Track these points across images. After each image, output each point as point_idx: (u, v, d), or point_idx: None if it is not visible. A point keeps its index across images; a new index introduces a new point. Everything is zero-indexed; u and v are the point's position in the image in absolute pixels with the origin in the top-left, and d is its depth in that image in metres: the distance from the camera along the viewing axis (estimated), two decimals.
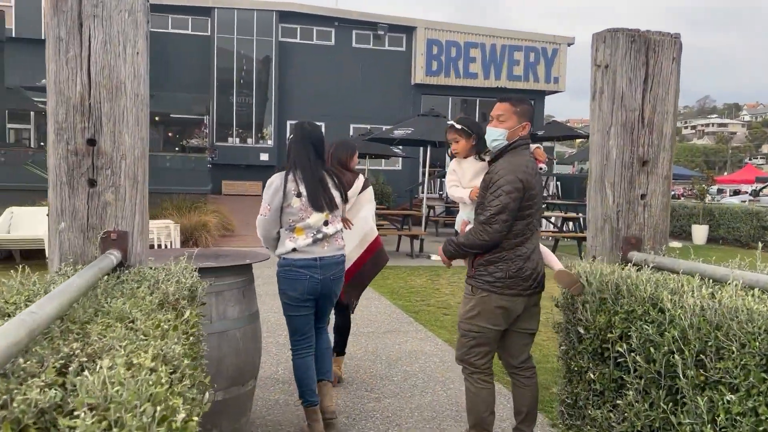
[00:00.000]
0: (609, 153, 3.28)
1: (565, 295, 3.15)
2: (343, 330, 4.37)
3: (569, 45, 24.08)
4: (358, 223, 4.13)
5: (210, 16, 21.23)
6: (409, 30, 22.75)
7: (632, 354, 2.49)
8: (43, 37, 17.62)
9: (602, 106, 3.32)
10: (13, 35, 16.73)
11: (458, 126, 3.31)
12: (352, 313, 4.38)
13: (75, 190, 2.59)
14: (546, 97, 24.56)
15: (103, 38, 2.57)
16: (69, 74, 2.55)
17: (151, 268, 2.62)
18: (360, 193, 4.15)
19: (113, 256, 2.52)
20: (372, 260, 4.26)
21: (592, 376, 2.81)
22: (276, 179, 3.29)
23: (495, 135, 3.02)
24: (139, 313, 1.76)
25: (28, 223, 9.63)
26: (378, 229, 4.41)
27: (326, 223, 3.30)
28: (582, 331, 2.89)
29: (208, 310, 3.07)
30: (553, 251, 14.19)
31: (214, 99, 21.29)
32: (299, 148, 3.34)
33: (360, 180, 4.18)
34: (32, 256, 9.49)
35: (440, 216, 16.32)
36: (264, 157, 21.01)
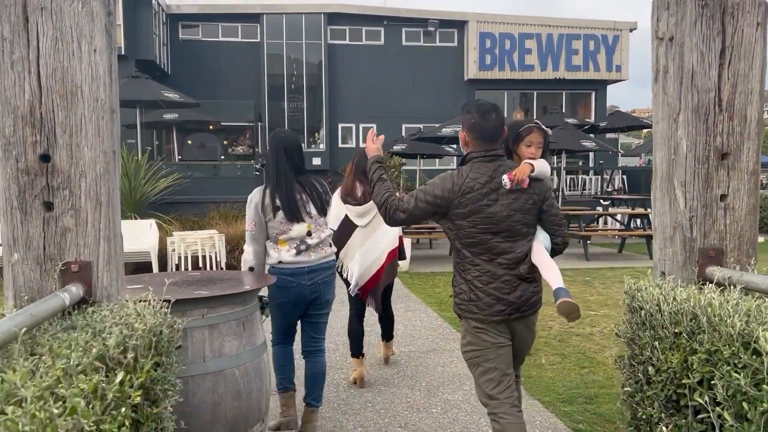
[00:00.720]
0: (678, 145, 2.66)
1: (631, 323, 2.56)
2: (387, 320, 4.71)
3: (632, 31, 22.79)
4: (379, 235, 4.21)
5: (259, 23, 21.21)
6: (460, 24, 22.07)
7: (717, 408, 1.90)
8: None
9: (667, 88, 2.70)
10: None
11: (547, 130, 2.88)
12: (379, 312, 4.56)
13: (28, 215, 2.21)
14: (608, 86, 23.33)
15: (53, 35, 2.19)
16: (15, 79, 2.17)
17: (121, 304, 2.22)
18: None
19: (71, 291, 2.13)
20: (389, 267, 4.32)
21: (664, 429, 2.22)
22: (255, 195, 3.31)
23: None
24: (33, 389, 1.32)
25: (133, 237, 9.65)
26: (430, 232, 4.69)
27: (309, 234, 3.30)
28: (651, 371, 2.30)
29: (200, 348, 2.65)
30: (620, 251, 13.37)
31: (265, 105, 21.27)
32: (272, 160, 3.32)
33: None
34: None
35: None
36: (317, 161, 20.81)
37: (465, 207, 2.61)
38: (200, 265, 9.69)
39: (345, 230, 4.22)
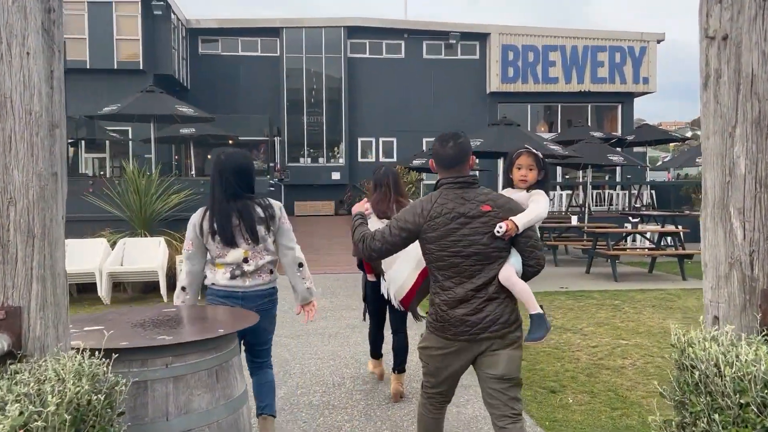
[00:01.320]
0: (734, 165, 2.20)
1: (680, 383, 2.09)
2: (399, 350, 4.55)
3: (659, 42, 22.19)
4: (413, 248, 3.84)
5: (278, 37, 21.08)
6: (482, 37, 21.69)
7: None
8: (115, 67, 18.06)
9: (720, 96, 2.24)
10: (88, 66, 17.17)
11: (537, 153, 3.01)
12: (419, 320, 4.22)
13: None
14: (635, 99, 22.70)
15: None
16: None
17: (56, 358, 1.83)
18: None
19: None
20: (424, 284, 4.02)
21: None
22: (195, 216, 3.26)
23: None
24: None
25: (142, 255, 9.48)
26: None
27: (246, 260, 3.21)
28: None
29: (163, 404, 2.24)
30: (651, 271, 12.75)
31: (284, 119, 21.09)
32: (212, 183, 3.25)
33: None
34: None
35: None
36: (336, 176, 20.52)
37: (434, 231, 2.71)
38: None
39: None
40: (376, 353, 4.81)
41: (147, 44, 17.64)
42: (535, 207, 2.78)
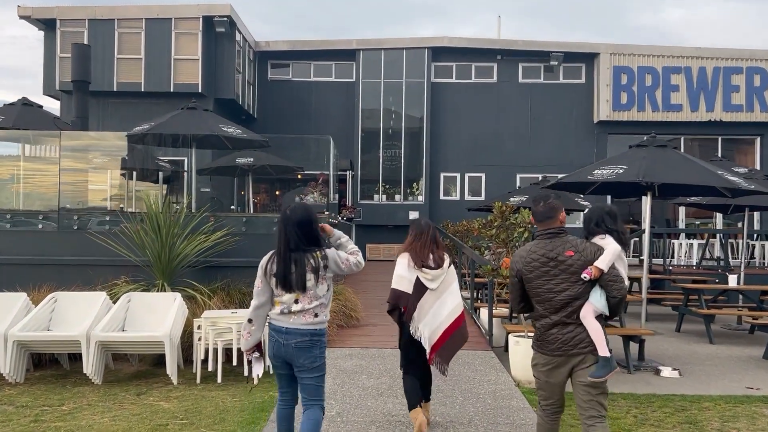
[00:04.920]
0: None
1: None
2: (427, 382, 4.90)
3: None
4: (448, 297, 4.69)
5: (355, 60, 18.89)
6: (589, 57, 18.65)
7: None
8: (172, 90, 16.36)
9: None
10: (142, 89, 15.49)
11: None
12: (445, 375, 4.79)
13: None
14: None
15: None
16: None
17: None
18: (449, 267, 4.78)
19: None
20: (459, 331, 4.71)
21: None
22: (264, 259, 3.82)
23: None
24: None
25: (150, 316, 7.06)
26: None
27: (296, 301, 3.71)
28: None
29: None
30: None
31: (358, 151, 18.72)
32: (278, 232, 3.78)
33: (448, 257, 4.82)
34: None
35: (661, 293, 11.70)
36: (414, 215, 17.73)
37: (531, 273, 3.59)
38: (234, 359, 6.73)
39: (419, 292, 4.58)
40: (414, 404, 4.71)
41: (207, 65, 15.82)
42: (610, 249, 3.57)
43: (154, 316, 7.03)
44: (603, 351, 3.54)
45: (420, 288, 4.58)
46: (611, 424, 5.30)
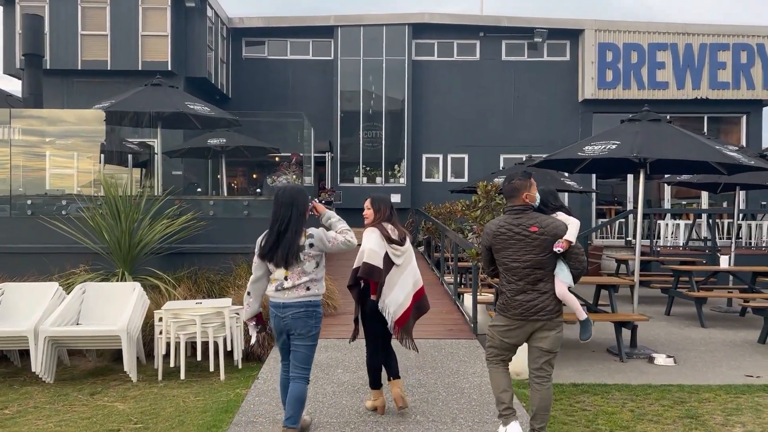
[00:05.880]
0: None
1: None
2: (393, 360, 4.73)
3: None
4: (411, 271, 4.70)
5: (333, 37, 18.22)
6: (574, 34, 18.16)
7: None
8: (140, 68, 15.58)
9: None
10: (108, 67, 14.70)
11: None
12: (415, 350, 4.79)
13: None
14: (765, 108, 18.50)
15: None
16: None
17: None
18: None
19: None
20: (420, 303, 4.77)
21: None
22: (261, 236, 4.10)
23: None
24: None
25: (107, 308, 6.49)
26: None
27: (286, 278, 3.99)
28: None
29: None
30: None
31: (338, 133, 18.11)
32: (272, 211, 4.05)
33: (408, 234, 4.84)
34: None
35: (649, 275, 11.29)
36: (396, 198, 17.24)
37: (499, 245, 4.00)
38: (198, 353, 6.20)
39: (386, 268, 4.51)
40: (378, 382, 4.74)
41: (177, 42, 15.06)
42: (573, 222, 4.06)
43: (112, 308, 6.48)
44: (582, 315, 4.10)
45: (387, 263, 4.54)
46: (607, 419, 4.89)
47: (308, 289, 4.01)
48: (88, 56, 14.80)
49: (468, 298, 8.06)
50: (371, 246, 4.39)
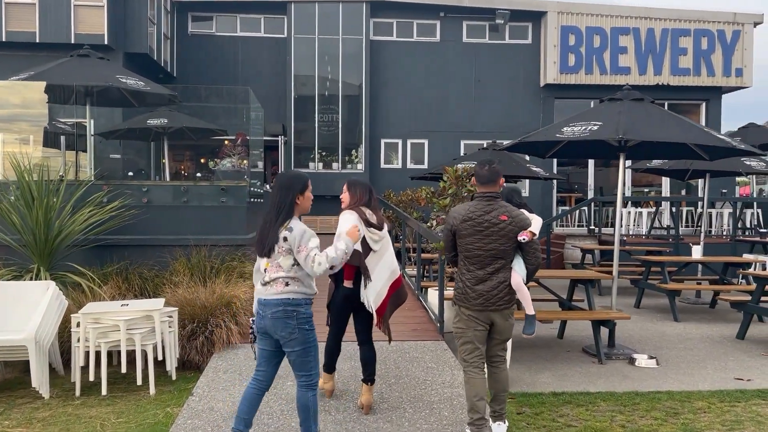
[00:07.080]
0: None
1: None
2: (370, 360, 4.45)
3: (756, 25, 17.92)
4: (388, 259, 4.48)
5: (286, 14, 17.20)
6: (536, 16, 17.62)
7: None
8: (73, 42, 14.29)
9: None
10: (37, 40, 13.36)
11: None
12: (389, 342, 4.75)
13: None
14: (723, 94, 18.41)
15: None
16: None
17: None
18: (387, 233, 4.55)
19: None
20: (398, 292, 4.58)
21: None
22: None
23: None
24: None
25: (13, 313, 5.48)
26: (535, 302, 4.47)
27: (265, 270, 3.65)
28: None
29: None
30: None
31: (291, 115, 17.15)
32: (270, 197, 3.78)
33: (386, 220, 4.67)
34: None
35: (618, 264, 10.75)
36: None
37: (465, 230, 3.95)
38: (123, 364, 5.31)
39: (364, 253, 4.34)
40: (332, 366, 4.65)
41: (114, 13, 13.79)
42: (536, 219, 4.56)
43: (20, 311, 5.52)
44: (530, 310, 4.18)
45: (365, 249, 4.34)
46: None
47: (287, 284, 3.62)
48: (13, 27, 13.41)
49: (432, 294, 7.38)
50: (348, 228, 3.93)
